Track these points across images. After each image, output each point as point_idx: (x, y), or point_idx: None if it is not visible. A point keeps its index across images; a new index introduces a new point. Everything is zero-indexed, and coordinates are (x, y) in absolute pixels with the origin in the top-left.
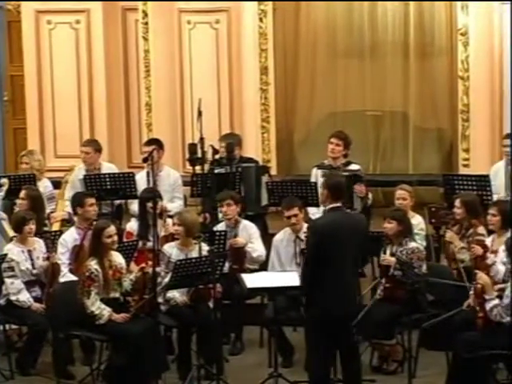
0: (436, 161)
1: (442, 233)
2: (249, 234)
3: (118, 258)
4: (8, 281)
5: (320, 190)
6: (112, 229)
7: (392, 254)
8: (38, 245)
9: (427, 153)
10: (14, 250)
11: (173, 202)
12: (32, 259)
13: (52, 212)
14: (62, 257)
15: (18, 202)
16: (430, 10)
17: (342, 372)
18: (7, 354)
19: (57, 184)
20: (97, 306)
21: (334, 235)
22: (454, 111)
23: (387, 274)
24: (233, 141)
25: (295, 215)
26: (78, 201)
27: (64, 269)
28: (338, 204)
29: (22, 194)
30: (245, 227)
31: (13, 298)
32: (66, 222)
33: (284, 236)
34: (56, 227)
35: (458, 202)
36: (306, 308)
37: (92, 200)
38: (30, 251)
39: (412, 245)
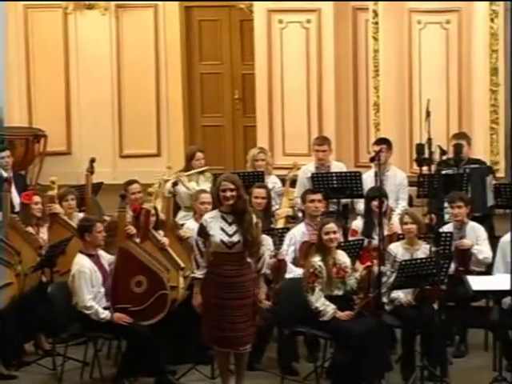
0: None
1: None
2: (476, 236)
3: (342, 257)
4: None
5: None
6: (330, 226)
7: None
8: (266, 242)
9: None
10: None
11: (397, 202)
12: None
13: (277, 209)
14: (288, 249)
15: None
16: None
17: None
18: None
19: (283, 182)
20: (321, 303)
21: None
22: None
23: None
24: (463, 142)
25: None
26: (303, 197)
27: (289, 263)
28: None
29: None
30: (472, 228)
31: None
32: (291, 219)
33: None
34: (281, 224)
35: None
36: None
37: (316, 196)
38: None
39: None
